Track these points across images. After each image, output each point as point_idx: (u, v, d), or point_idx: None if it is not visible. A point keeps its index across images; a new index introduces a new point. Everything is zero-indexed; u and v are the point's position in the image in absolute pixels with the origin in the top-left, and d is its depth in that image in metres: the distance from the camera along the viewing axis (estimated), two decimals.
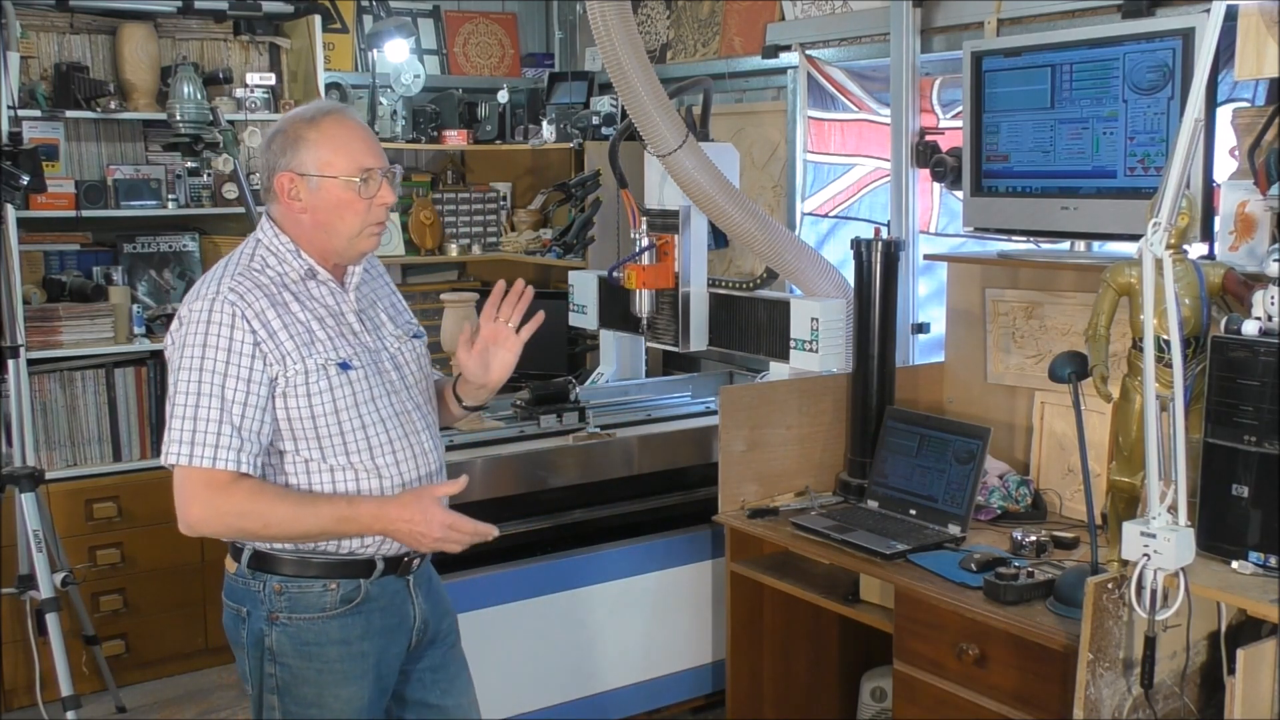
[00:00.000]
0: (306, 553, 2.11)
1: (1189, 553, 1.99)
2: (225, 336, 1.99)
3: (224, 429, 1.97)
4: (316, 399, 2.05)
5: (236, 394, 1.99)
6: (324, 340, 2.08)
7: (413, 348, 2.25)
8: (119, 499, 4.07)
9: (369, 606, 2.15)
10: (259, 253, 2.11)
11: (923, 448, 2.95)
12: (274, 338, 2.03)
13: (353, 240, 2.11)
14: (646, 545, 3.21)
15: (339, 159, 2.06)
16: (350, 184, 2.07)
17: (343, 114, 2.13)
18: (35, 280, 4.08)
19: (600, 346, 4.06)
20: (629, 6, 3.24)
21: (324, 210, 2.08)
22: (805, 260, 3.42)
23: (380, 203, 2.10)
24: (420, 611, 2.25)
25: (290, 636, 2.12)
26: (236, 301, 2.01)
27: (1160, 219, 1.98)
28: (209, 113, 4.11)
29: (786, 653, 3.21)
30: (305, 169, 2.06)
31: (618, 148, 3.71)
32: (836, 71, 3.88)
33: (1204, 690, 2.25)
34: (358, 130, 2.11)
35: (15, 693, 3.90)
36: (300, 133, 2.07)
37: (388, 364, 2.17)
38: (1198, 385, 2.20)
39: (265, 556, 2.12)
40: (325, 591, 2.12)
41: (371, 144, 2.11)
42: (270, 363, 2.02)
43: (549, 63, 5.26)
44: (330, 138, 2.07)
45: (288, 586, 2.11)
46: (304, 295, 2.10)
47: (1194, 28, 2.56)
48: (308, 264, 2.11)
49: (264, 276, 2.08)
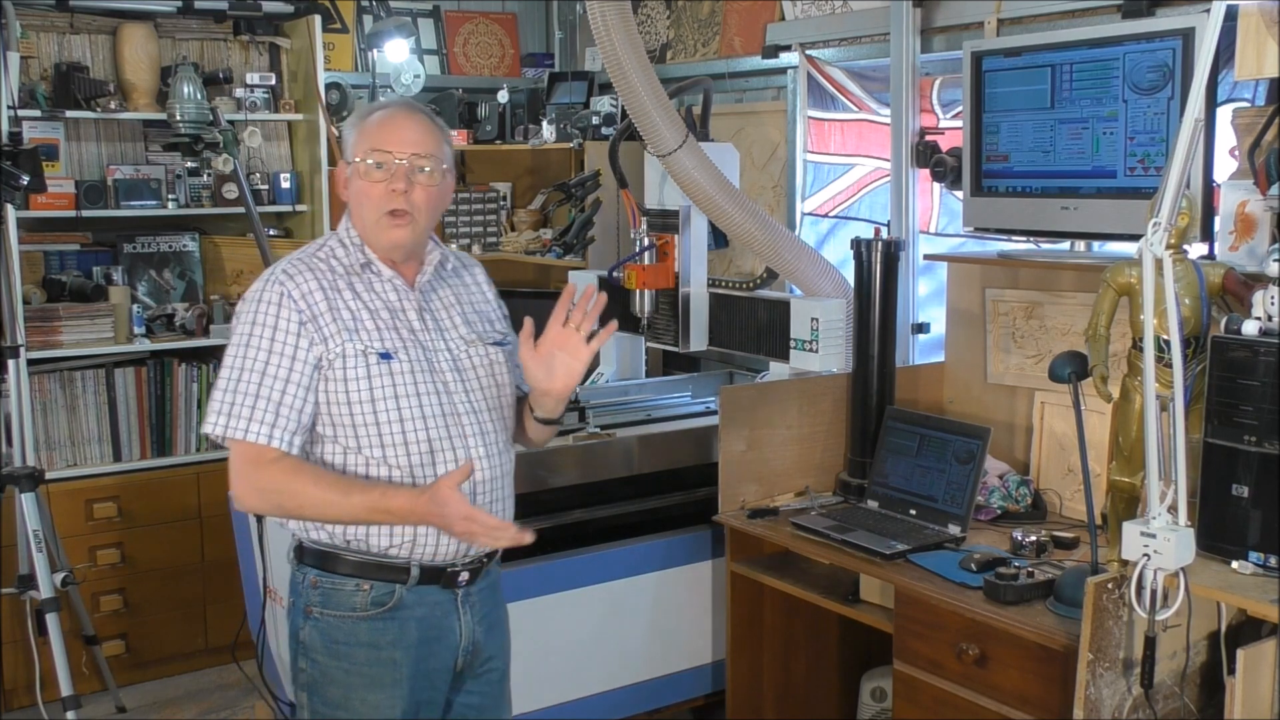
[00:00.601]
0: (341, 549, 2.09)
1: (1189, 553, 1.99)
2: (272, 315, 2.04)
3: (260, 403, 2.00)
4: (353, 385, 2.04)
5: (280, 370, 2.02)
6: (370, 329, 2.07)
7: (484, 353, 2.19)
8: (119, 499, 4.07)
9: (404, 614, 2.10)
10: (330, 242, 2.16)
11: (923, 448, 2.95)
12: (317, 319, 2.04)
13: (373, 229, 2.10)
14: (646, 545, 3.21)
15: (362, 143, 2.09)
16: (362, 167, 2.07)
17: (398, 107, 2.14)
18: (35, 280, 4.08)
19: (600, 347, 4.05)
20: (629, 6, 3.25)
21: (352, 197, 2.13)
22: (805, 260, 3.42)
23: (391, 189, 2.06)
24: (469, 632, 2.18)
25: (321, 633, 2.11)
26: (285, 282, 2.06)
27: (1160, 219, 1.98)
28: (209, 113, 4.11)
29: (786, 653, 3.21)
30: (347, 158, 2.12)
31: (618, 148, 3.71)
32: (836, 71, 3.87)
33: (1204, 690, 2.25)
34: (398, 120, 2.09)
35: (15, 693, 3.90)
36: (354, 122, 2.13)
37: (444, 364, 2.13)
38: (1198, 385, 2.20)
39: (305, 548, 2.13)
40: (357, 591, 2.09)
41: (404, 134, 2.08)
42: (315, 342, 2.04)
43: (549, 63, 5.26)
44: (369, 125, 2.10)
45: (322, 581, 2.11)
46: (361, 286, 2.11)
47: (1194, 28, 2.56)
48: (365, 257, 2.12)
49: (324, 264, 2.11)
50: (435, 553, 2.11)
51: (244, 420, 2.00)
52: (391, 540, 2.08)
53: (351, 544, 2.09)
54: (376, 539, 2.08)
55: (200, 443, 4.25)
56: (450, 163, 2.16)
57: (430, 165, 2.09)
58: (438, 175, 2.10)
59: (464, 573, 2.15)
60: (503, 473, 2.18)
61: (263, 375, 2.01)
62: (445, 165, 2.13)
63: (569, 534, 3.17)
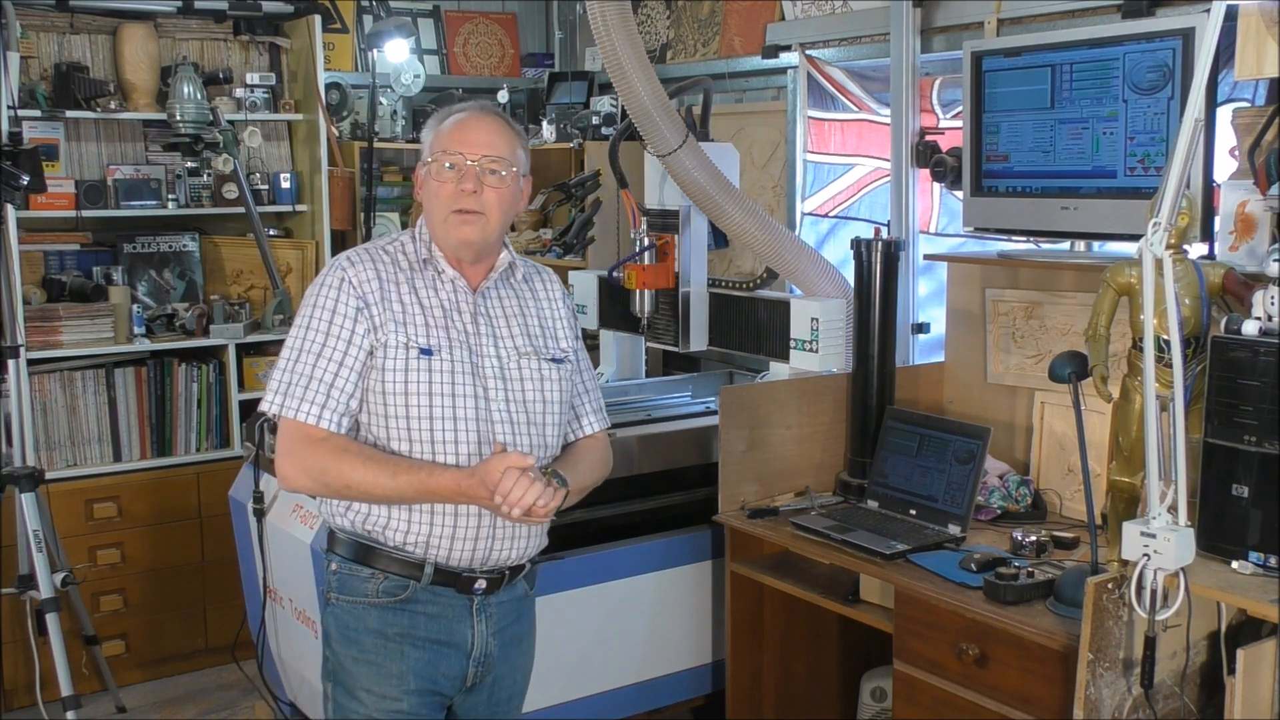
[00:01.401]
0: (362, 538, 2.12)
1: (1189, 553, 1.99)
2: (331, 299, 2.08)
3: (313, 384, 2.05)
4: (389, 375, 2.07)
5: (334, 353, 2.06)
6: (419, 324, 2.10)
7: (535, 366, 2.19)
8: (119, 499, 4.07)
9: (414, 609, 2.12)
10: (402, 237, 2.19)
11: (923, 448, 2.95)
12: (369, 308, 2.08)
13: (441, 227, 2.12)
14: (646, 545, 3.20)
15: (436, 145, 2.12)
16: (434, 167, 2.10)
17: (475, 110, 2.16)
18: (35, 280, 4.09)
19: (600, 346, 4.06)
20: (629, 6, 3.24)
21: (426, 197, 2.15)
22: (805, 260, 3.42)
23: (461, 189, 2.08)
24: (483, 642, 2.17)
25: (336, 619, 2.16)
26: (347, 268, 2.10)
27: (1160, 219, 1.98)
28: (209, 113, 4.12)
29: (786, 653, 3.21)
30: (424, 157, 2.16)
31: (618, 148, 3.71)
32: (836, 71, 3.88)
33: (1204, 690, 2.25)
34: (472, 123, 2.12)
35: (15, 693, 3.90)
36: (433, 125, 2.17)
37: (489, 370, 2.13)
38: (1198, 385, 2.20)
39: (334, 536, 2.18)
40: (372, 579, 2.12)
41: (476, 136, 2.11)
42: (369, 329, 2.07)
43: (549, 63, 5.26)
44: (445, 128, 2.13)
45: (342, 568, 2.15)
46: (421, 281, 2.14)
47: (1194, 28, 2.56)
48: (430, 254, 2.15)
49: (388, 256, 2.14)
50: (450, 555, 2.11)
51: (296, 400, 2.05)
52: (406, 537, 2.10)
53: (372, 534, 2.11)
54: (393, 533, 2.10)
55: (200, 443, 4.25)
56: (524, 167, 2.17)
57: (502, 168, 2.11)
58: (510, 178, 2.12)
59: (481, 580, 2.14)
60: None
61: (318, 357, 2.06)
62: (517, 168, 2.14)
63: (569, 534, 3.17)
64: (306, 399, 2.05)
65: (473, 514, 2.09)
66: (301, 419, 2.05)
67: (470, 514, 2.10)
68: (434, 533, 2.10)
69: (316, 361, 2.06)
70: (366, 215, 4.59)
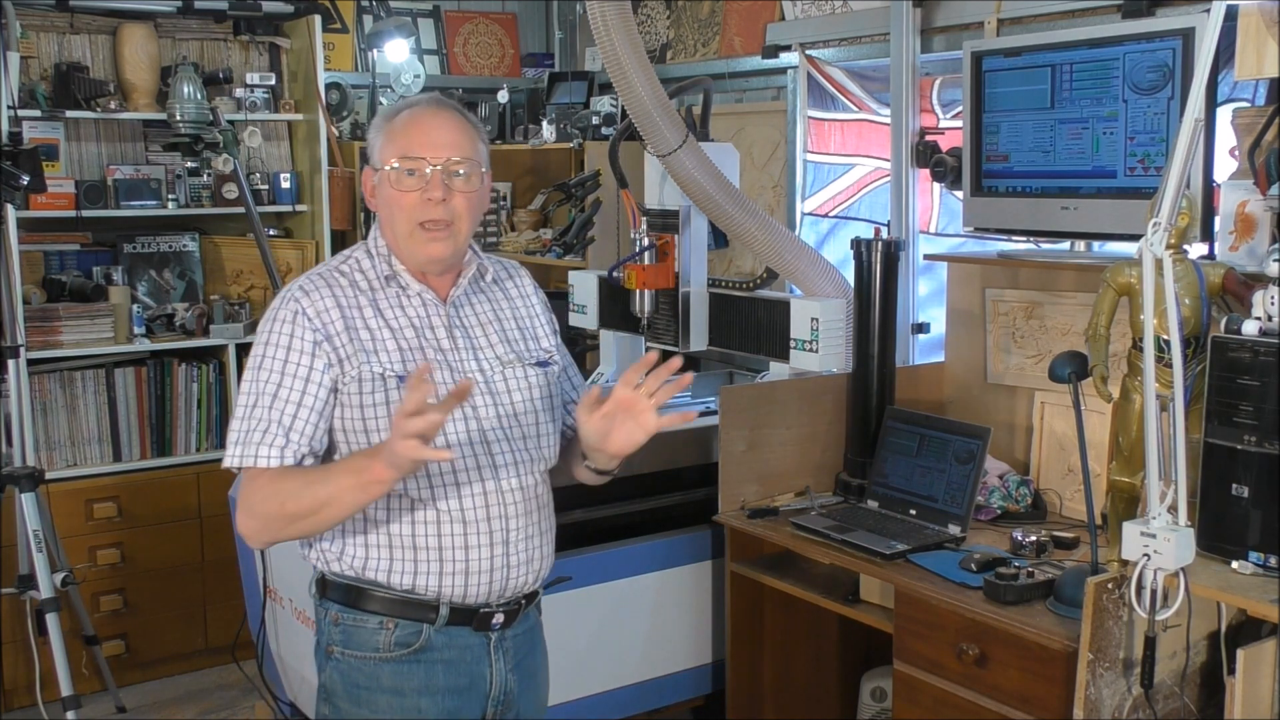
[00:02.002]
0: (364, 584, 1.94)
1: (1189, 553, 1.99)
2: (286, 334, 1.90)
3: (271, 428, 1.86)
4: (370, 411, 1.90)
5: (291, 393, 1.88)
6: (392, 351, 1.92)
7: (522, 375, 2.02)
8: (119, 499, 4.07)
9: (431, 657, 1.94)
10: (356, 253, 2.01)
11: (923, 448, 2.95)
12: (333, 340, 1.90)
13: (405, 242, 1.94)
14: (646, 545, 3.20)
15: (390, 149, 1.92)
16: (392, 174, 1.91)
17: (424, 105, 1.96)
18: (35, 280, 4.09)
19: (600, 346, 4.06)
20: (629, 6, 3.24)
21: (381, 206, 1.96)
22: (805, 260, 3.42)
23: (426, 198, 1.90)
24: (501, 679, 2.01)
25: (342, 675, 1.96)
26: (300, 299, 1.92)
27: (1160, 219, 1.98)
28: (209, 113, 4.12)
29: (786, 653, 3.21)
30: (374, 163, 1.96)
31: (618, 148, 3.71)
32: (836, 71, 3.88)
33: (1204, 690, 2.25)
34: (428, 120, 1.93)
35: (15, 693, 3.90)
36: (379, 124, 1.97)
37: (475, 388, 1.96)
38: (1198, 385, 2.20)
39: (326, 581, 1.98)
40: (380, 629, 1.93)
41: (435, 135, 1.91)
42: (331, 364, 1.89)
43: (549, 63, 5.26)
44: (396, 128, 1.94)
45: (344, 618, 1.95)
46: (386, 301, 1.96)
47: (1194, 28, 2.56)
48: (391, 269, 1.97)
49: (345, 278, 1.96)
50: (465, 592, 1.94)
51: (254, 445, 1.86)
52: (415, 579, 1.92)
53: (376, 578, 1.93)
54: (399, 576, 1.93)
55: (200, 443, 4.25)
56: (487, 162, 1.99)
57: (467, 168, 1.93)
58: (476, 179, 1.94)
59: (499, 614, 1.99)
60: (538, 505, 2.03)
61: (273, 399, 1.87)
62: (483, 166, 1.97)
63: (569, 534, 3.16)
64: (265, 443, 1.85)
65: (484, 544, 1.94)
66: (263, 464, 1.85)
67: (482, 545, 1.94)
68: (445, 569, 1.93)
69: (272, 404, 1.87)
70: (366, 215, 4.59)
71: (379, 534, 1.93)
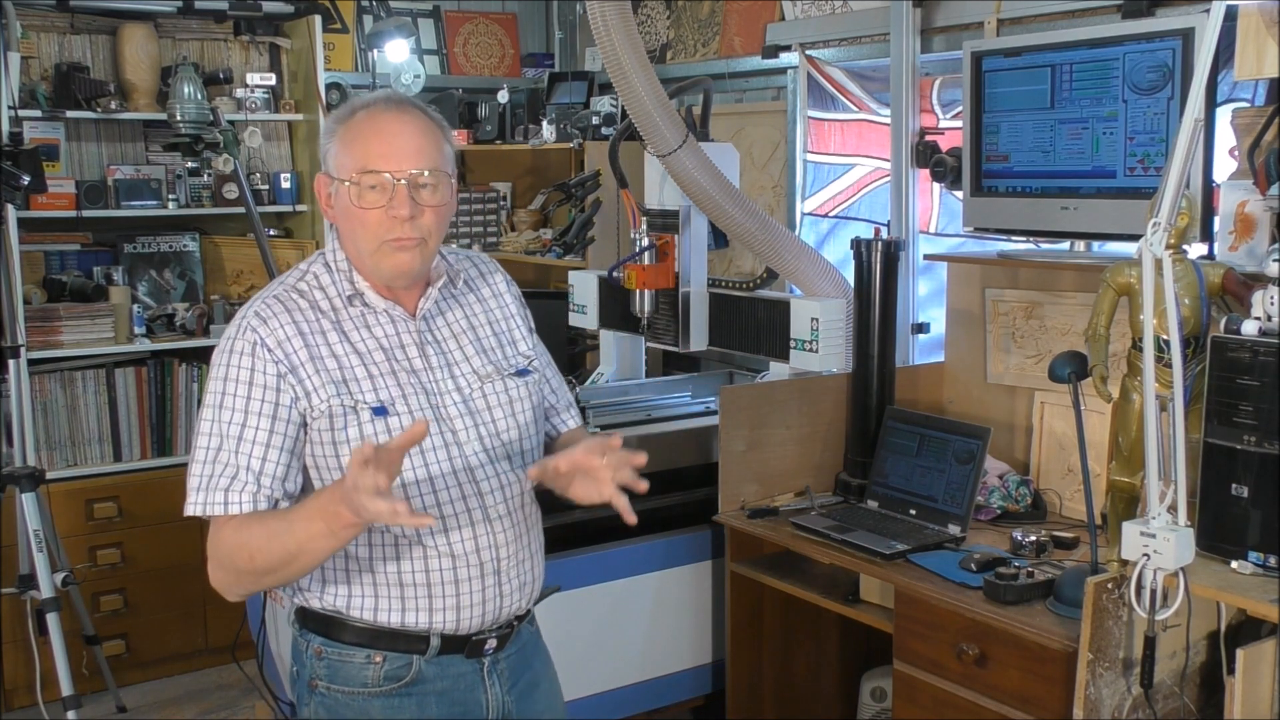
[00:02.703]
0: (348, 616, 1.82)
1: (1189, 553, 1.99)
2: (246, 368, 1.75)
3: (240, 475, 1.73)
4: (343, 447, 1.76)
5: (258, 434, 1.74)
6: (362, 379, 1.78)
7: (501, 389, 1.90)
8: (119, 499, 4.07)
9: (423, 689, 1.84)
10: (314, 268, 1.85)
11: (923, 448, 2.95)
12: (295, 372, 1.76)
13: (371, 258, 1.79)
14: (646, 545, 3.20)
15: (347, 159, 1.77)
16: (352, 189, 1.76)
17: (382, 107, 1.79)
18: (36, 280, 4.09)
19: (600, 346, 4.06)
20: (629, 6, 3.24)
21: (341, 219, 1.81)
22: (805, 260, 3.42)
23: (392, 216, 1.75)
24: (498, 703, 1.91)
25: (328, 709, 1.84)
26: (259, 328, 1.76)
27: (1160, 219, 1.98)
28: (209, 113, 4.12)
29: (786, 653, 3.21)
30: (331, 171, 1.80)
31: (618, 148, 3.71)
32: (836, 71, 3.88)
33: (1204, 690, 2.25)
34: (386, 125, 1.77)
35: (16, 692, 3.90)
36: (332, 127, 1.81)
37: (452, 408, 1.84)
38: (1197, 385, 2.20)
39: (308, 612, 1.86)
40: (368, 664, 1.82)
41: (394, 143, 1.76)
42: (298, 396, 1.76)
43: (549, 63, 5.26)
44: (351, 133, 1.78)
45: (328, 651, 1.83)
46: (350, 322, 1.82)
47: (1194, 28, 2.56)
48: (354, 287, 1.83)
49: (304, 299, 1.81)
50: (458, 625, 1.84)
51: (221, 492, 1.72)
52: (404, 616, 1.82)
53: (361, 613, 1.82)
54: (386, 614, 1.81)
55: None
56: (453, 164, 1.85)
57: (434, 178, 1.78)
58: (444, 189, 1.80)
59: (491, 639, 1.89)
60: (527, 527, 1.94)
61: (239, 440, 1.73)
62: (449, 170, 1.82)
63: (569, 534, 3.17)
64: (234, 489, 1.72)
65: (475, 577, 1.84)
66: (233, 512, 1.72)
67: (473, 578, 1.84)
68: (435, 605, 1.83)
69: (238, 447, 1.72)
70: None
71: (362, 573, 1.82)
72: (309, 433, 1.78)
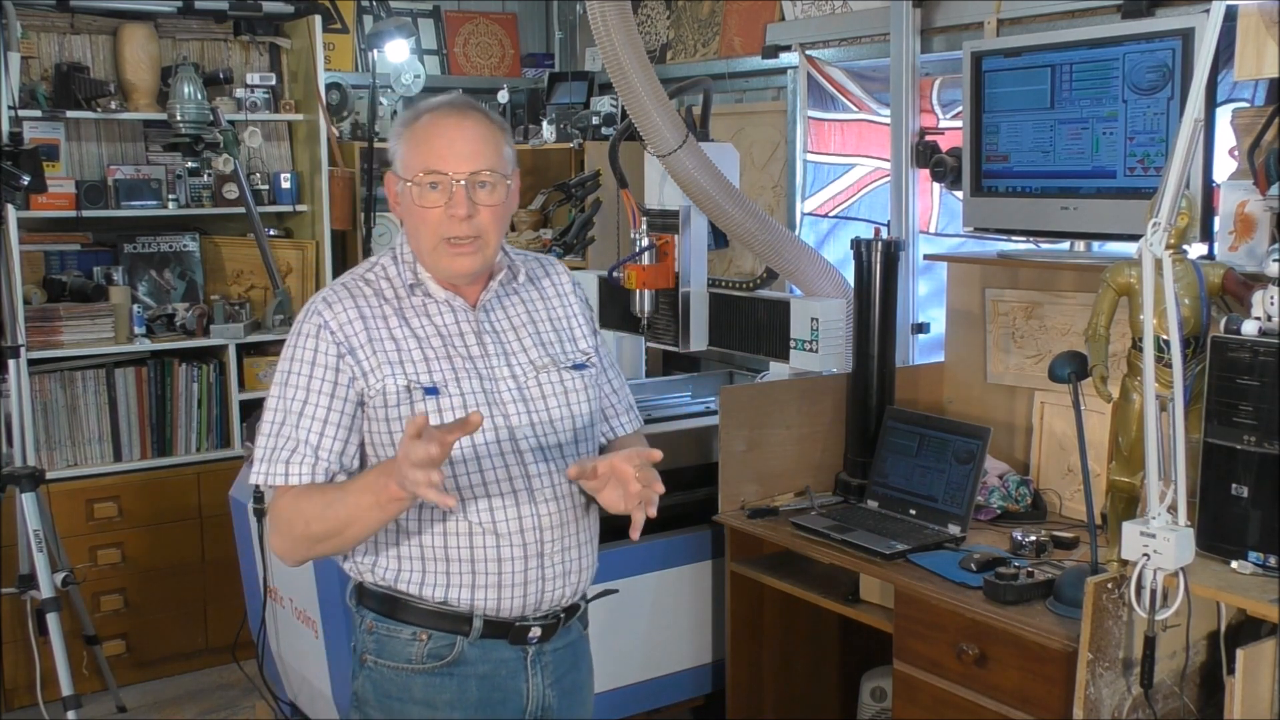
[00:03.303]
0: (398, 593, 1.90)
1: (1189, 553, 1.99)
2: (310, 349, 1.86)
3: (300, 448, 1.84)
4: (396, 424, 1.84)
5: (317, 410, 1.85)
6: (418, 361, 1.87)
7: (557, 379, 1.96)
8: (119, 499, 4.07)
9: (464, 670, 1.90)
10: (383, 259, 1.96)
11: (923, 448, 2.95)
12: (355, 353, 1.86)
13: (430, 255, 1.88)
14: (646, 545, 3.20)
15: (412, 159, 1.86)
16: (414, 188, 1.85)
17: (445, 111, 1.89)
18: (36, 280, 4.09)
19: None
20: (629, 6, 3.24)
21: (405, 216, 1.90)
22: (805, 260, 3.42)
23: (451, 214, 1.84)
24: (538, 695, 1.95)
25: (374, 684, 1.93)
26: (323, 311, 1.88)
27: (1160, 219, 1.98)
28: (209, 113, 4.12)
29: (786, 653, 3.21)
30: (398, 170, 1.90)
31: (618, 148, 3.71)
32: (836, 71, 3.88)
33: (1204, 690, 2.25)
34: (448, 129, 1.86)
35: (16, 692, 3.90)
36: (400, 130, 1.90)
37: (507, 394, 1.90)
38: (1197, 385, 2.20)
39: (364, 589, 1.95)
40: (414, 640, 1.90)
41: (454, 146, 1.85)
42: (356, 377, 1.86)
43: (549, 63, 5.26)
44: (416, 135, 1.87)
45: (379, 627, 1.92)
46: (412, 310, 1.91)
47: (1194, 28, 2.56)
48: (416, 276, 1.92)
49: (369, 287, 1.92)
50: (500, 605, 1.90)
51: (282, 464, 1.84)
52: (449, 592, 1.89)
53: (409, 589, 1.90)
54: (430, 589, 1.89)
55: (201, 443, 4.25)
56: (513, 165, 1.93)
57: (492, 179, 1.86)
58: (501, 189, 1.88)
59: (535, 628, 1.93)
60: (576, 516, 1.96)
61: (300, 416, 1.85)
62: (507, 172, 1.90)
63: None
64: (294, 462, 1.84)
65: (518, 557, 1.89)
66: (293, 483, 1.84)
67: (516, 557, 1.89)
68: (478, 582, 1.88)
69: (299, 422, 1.84)
70: (366, 215, 4.59)
71: (411, 546, 1.90)
72: (366, 410, 1.88)
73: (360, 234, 4.62)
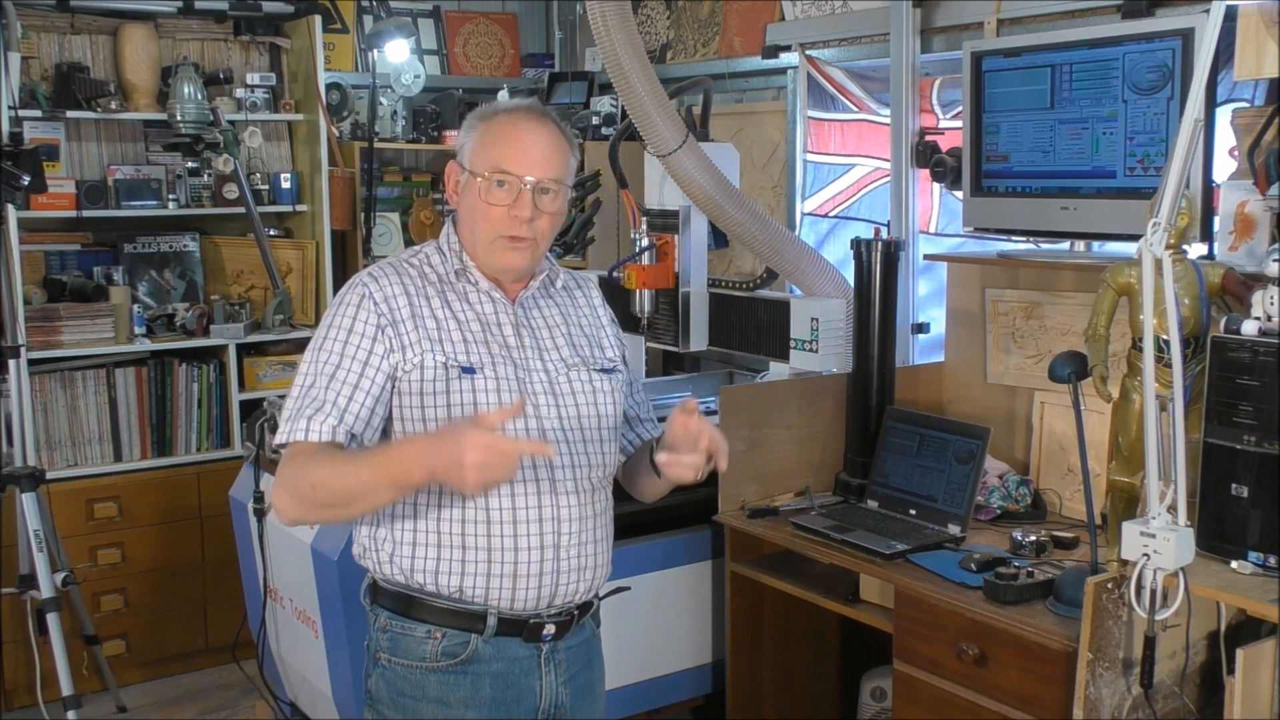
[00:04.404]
0: (413, 591, 1.92)
1: (1188, 553, 1.99)
2: (350, 316, 1.89)
3: (326, 407, 1.84)
4: (429, 399, 1.88)
5: (349, 374, 1.86)
6: (457, 341, 1.90)
7: (586, 379, 1.99)
8: (119, 499, 4.07)
9: (479, 669, 1.91)
10: (426, 249, 2.00)
11: (923, 448, 2.96)
12: (396, 325, 1.89)
13: (485, 249, 1.93)
14: (646, 545, 3.20)
15: (483, 155, 1.91)
16: (482, 184, 1.90)
17: (524, 114, 1.93)
18: (36, 280, 4.09)
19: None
20: (629, 6, 3.25)
21: (465, 209, 1.96)
22: (805, 260, 3.43)
23: (514, 215, 1.89)
24: (552, 694, 1.96)
25: (388, 682, 1.94)
26: (369, 283, 1.91)
27: (1160, 219, 1.98)
28: (209, 113, 4.12)
29: (786, 653, 3.21)
30: (463, 160, 1.95)
31: (618, 148, 3.71)
32: (836, 72, 3.88)
33: (1204, 690, 2.25)
34: (525, 132, 1.91)
35: (16, 692, 3.90)
36: (474, 123, 1.95)
37: (538, 385, 1.94)
38: (1197, 385, 2.20)
39: (378, 587, 1.96)
40: (428, 638, 1.91)
41: (532, 151, 1.89)
42: (393, 349, 1.88)
43: (549, 63, 5.26)
44: (491, 133, 1.92)
45: (392, 624, 1.93)
46: (454, 294, 1.95)
47: (1194, 28, 2.56)
48: (462, 264, 1.96)
49: (414, 269, 1.96)
50: (514, 597, 1.91)
51: (305, 420, 1.83)
52: (463, 580, 1.89)
53: (424, 586, 1.91)
54: (445, 577, 1.90)
55: (201, 443, 4.25)
56: (573, 177, 1.99)
57: (557, 188, 1.92)
58: (561, 198, 1.94)
59: (550, 625, 1.94)
60: (594, 512, 1.98)
61: (330, 379, 1.86)
62: (568, 183, 1.96)
63: None
64: (316, 419, 1.83)
65: (534, 547, 1.90)
66: (313, 439, 1.82)
67: (532, 548, 1.90)
68: (493, 571, 1.89)
69: (329, 384, 1.85)
70: (367, 215, 4.59)
71: (428, 531, 1.91)
72: (398, 384, 1.89)
73: (360, 234, 4.62)
